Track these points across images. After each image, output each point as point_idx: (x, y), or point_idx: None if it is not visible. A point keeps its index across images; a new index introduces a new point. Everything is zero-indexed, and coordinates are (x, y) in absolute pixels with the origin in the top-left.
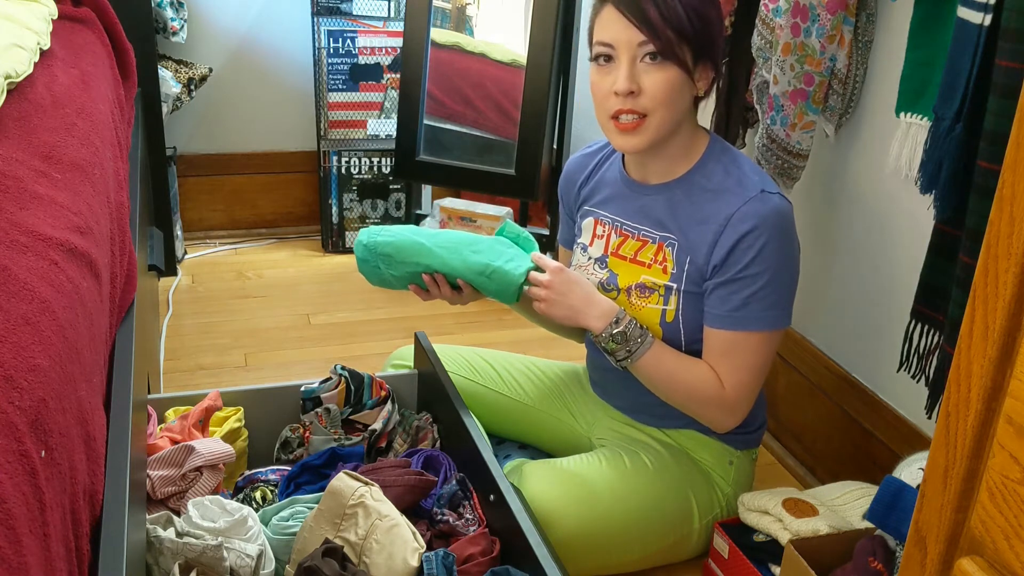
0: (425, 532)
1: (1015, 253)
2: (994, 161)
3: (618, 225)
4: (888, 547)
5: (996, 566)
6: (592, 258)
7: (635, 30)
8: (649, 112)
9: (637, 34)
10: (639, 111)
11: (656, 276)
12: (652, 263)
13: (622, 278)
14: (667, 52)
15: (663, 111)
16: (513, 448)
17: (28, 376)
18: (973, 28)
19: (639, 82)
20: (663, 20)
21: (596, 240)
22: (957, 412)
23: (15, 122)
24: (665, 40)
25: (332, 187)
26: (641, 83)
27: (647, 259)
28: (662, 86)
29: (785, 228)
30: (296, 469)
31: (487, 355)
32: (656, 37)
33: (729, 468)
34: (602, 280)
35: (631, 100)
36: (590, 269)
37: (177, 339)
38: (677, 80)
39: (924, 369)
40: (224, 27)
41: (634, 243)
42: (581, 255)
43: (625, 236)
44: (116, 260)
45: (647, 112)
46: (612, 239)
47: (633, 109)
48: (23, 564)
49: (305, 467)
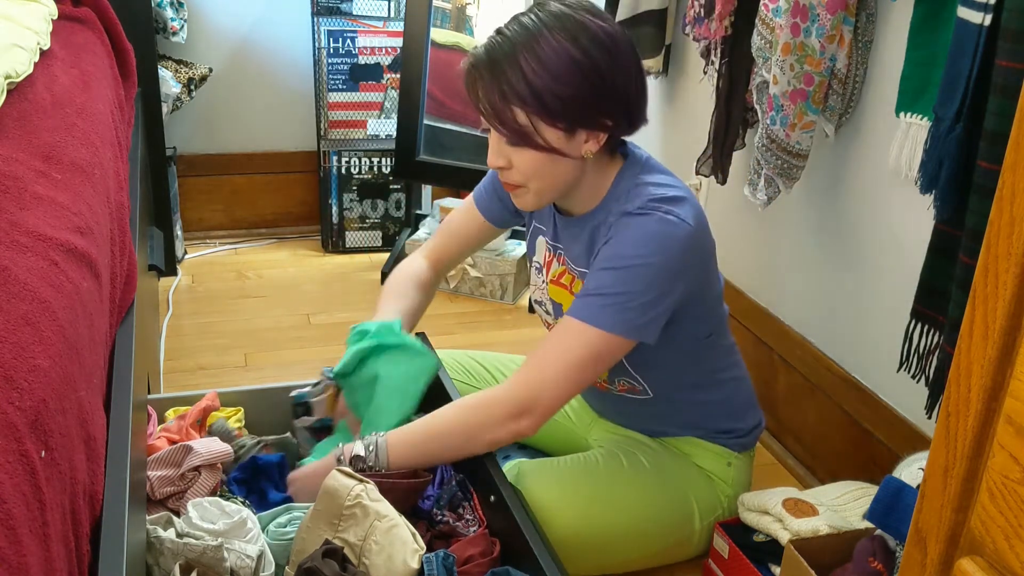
0: (425, 533)
1: (1015, 253)
2: (994, 161)
3: (559, 252)
4: (888, 547)
5: (996, 566)
6: (544, 281)
7: (486, 114)
8: (523, 183)
9: (488, 118)
10: (514, 183)
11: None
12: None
13: (565, 308)
14: (518, 140)
15: (538, 182)
16: (512, 448)
17: (28, 376)
18: (973, 28)
19: (507, 156)
20: (509, 105)
21: (545, 264)
22: (957, 412)
23: (15, 122)
24: (513, 128)
25: (332, 187)
26: (509, 157)
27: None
28: (527, 165)
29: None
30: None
31: (481, 357)
32: (502, 126)
33: (728, 469)
34: (549, 310)
35: (504, 173)
36: (544, 292)
37: (177, 339)
38: (543, 159)
39: (924, 369)
40: (224, 27)
41: (569, 275)
42: (536, 276)
43: (564, 266)
44: (116, 260)
45: (522, 184)
46: (554, 266)
47: (507, 181)
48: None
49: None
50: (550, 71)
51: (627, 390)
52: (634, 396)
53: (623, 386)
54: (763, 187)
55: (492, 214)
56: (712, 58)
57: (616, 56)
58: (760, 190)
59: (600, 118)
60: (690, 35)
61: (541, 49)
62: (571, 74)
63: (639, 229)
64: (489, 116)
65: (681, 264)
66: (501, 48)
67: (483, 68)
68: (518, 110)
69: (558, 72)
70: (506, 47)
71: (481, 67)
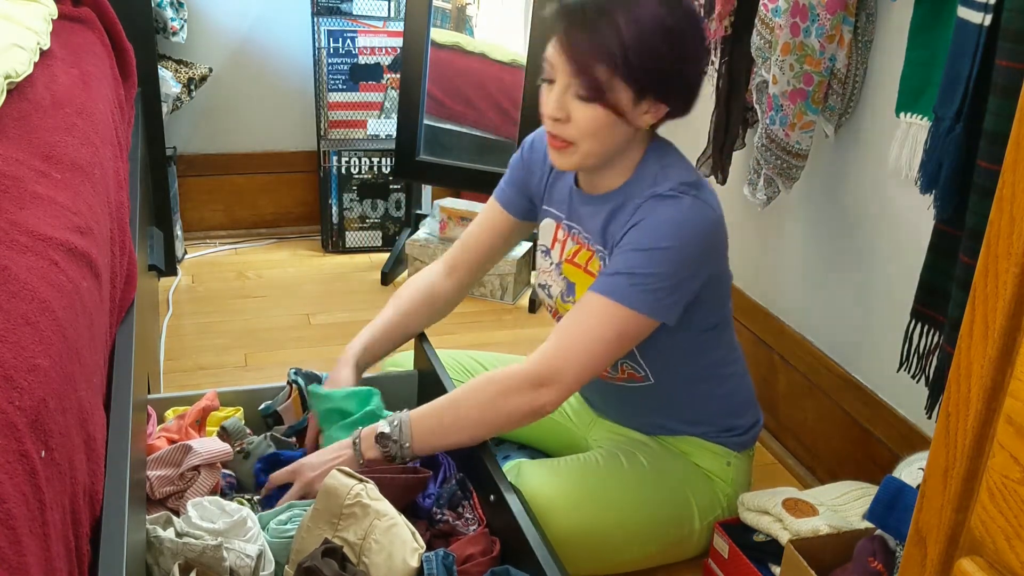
0: (425, 532)
1: (1015, 253)
2: (994, 161)
3: (574, 232)
4: (888, 547)
5: (996, 566)
6: (553, 263)
7: (570, 61)
8: (575, 141)
9: (571, 65)
10: (566, 139)
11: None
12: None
13: (579, 288)
14: (593, 95)
15: (590, 142)
16: (512, 448)
17: (28, 376)
18: (973, 28)
19: (568, 110)
20: (596, 59)
21: (556, 244)
22: (957, 412)
23: (15, 122)
24: (592, 82)
25: (332, 187)
26: (570, 111)
27: (596, 270)
28: (588, 122)
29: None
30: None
31: (480, 357)
32: (582, 77)
33: (728, 469)
34: (562, 291)
35: (559, 126)
36: (552, 275)
37: (177, 339)
38: (605, 119)
39: (924, 369)
40: (224, 27)
41: (585, 252)
42: (543, 259)
43: (580, 244)
44: (116, 260)
45: (574, 141)
46: (568, 245)
47: (560, 135)
48: (23, 564)
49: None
50: (643, 35)
51: (629, 377)
52: (635, 384)
53: (625, 371)
54: (763, 187)
55: (513, 206)
56: (712, 58)
57: (697, 33)
58: (760, 190)
59: (670, 91)
60: None
61: (638, 10)
62: (661, 42)
63: (672, 211)
64: (571, 65)
65: (709, 248)
66: (595, 1)
67: (575, 16)
68: (602, 66)
69: (651, 37)
70: (600, 1)
71: (574, 15)
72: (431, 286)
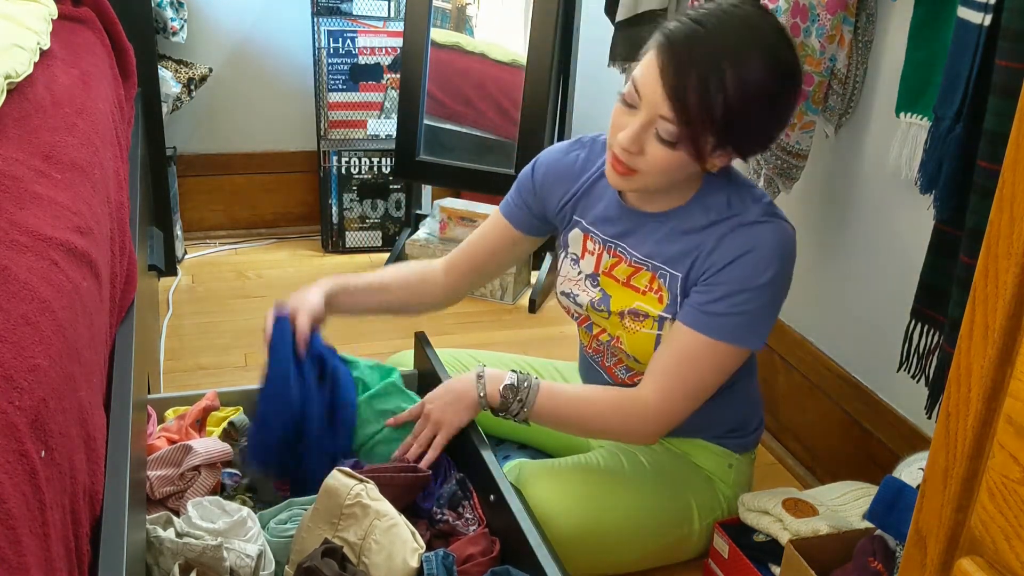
0: (425, 532)
1: (1015, 253)
2: (994, 161)
3: (611, 246)
4: (888, 547)
5: (996, 566)
6: (583, 274)
7: (665, 103)
8: (642, 172)
9: (665, 107)
10: (633, 167)
11: (651, 304)
12: (647, 291)
13: (615, 301)
14: (682, 141)
15: (657, 177)
16: (512, 448)
17: (28, 376)
18: (973, 28)
19: (643, 144)
20: (698, 109)
21: (587, 255)
22: (957, 412)
23: (15, 122)
24: (687, 130)
25: (332, 187)
26: (645, 145)
27: (642, 285)
28: (662, 161)
29: (782, 255)
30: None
31: (482, 356)
32: (681, 123)
33: (728, 471)
34: (593, 299)
35: (628, 156)
36: (581, 284)
37: (177, 339)
38: (681, 161)
39: (924, 369)
40: (224, 27)
41: (626, 267)
42: (571, 267)
43: (619, 258)
44: (116, 260)
45: (640, 171)
46: (604, 258)
47: (628, 164)
48: (23, 564)
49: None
50: (746, 97)
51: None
52: None
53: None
54: (763, 187)
55: (520, 223)
56: None
57: (795, 97)
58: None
59: (753, 144)
60: None
61: (746, 69)
62: (760, 106)
63: (771, 242)
64: (670, 107)
65: (792, 268)
66: (704, 45)
67: (685, 61)
68: (699, 119)
69: (752, 101)
70: (709, 47)
71: (683, 59)
72: (426, 273)
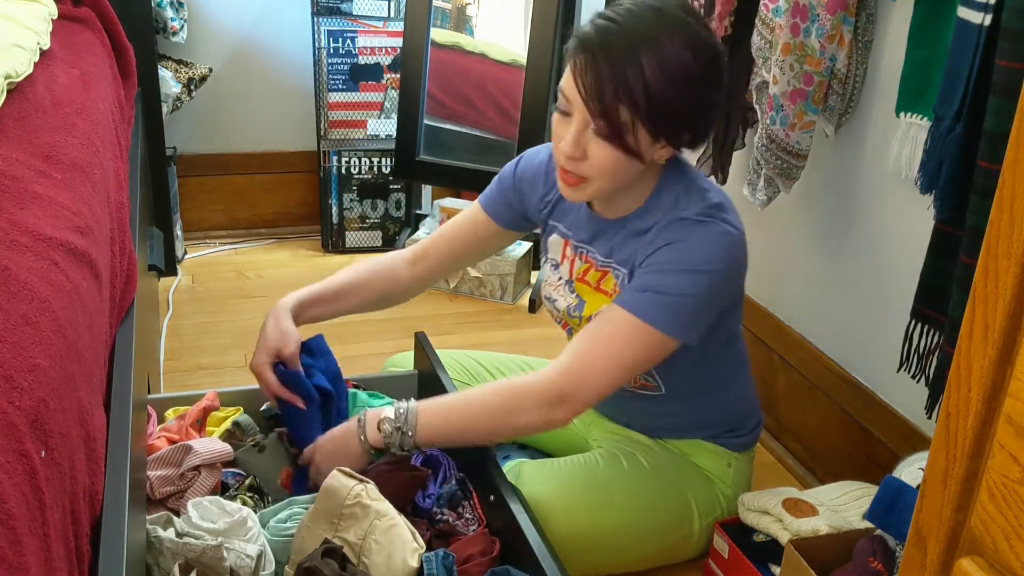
0: (425, 532)
1: (1015, 253)
2: (994, 161)
3: (582, 251)
4: (888, 547)
5: (996, 566)
6: (562, 279)
7: (591, 101)
8: (590, 178)
9: (592, 105)
10: (580, 175)
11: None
12: (613, 293)
13: (588, 306)
14: (612, 136)
15: (605, 179)
16: (512, 448)
17: (28, 376)
18: (973, 28)
19: (585, 147)
20: (619, 101)
21: (565, 260)
22: (957, 412)
23: (15, 122)
24: (613, 124)
25: (332, 187)
26: (587, 149)
27: (609, 289)
28: (605, 160)
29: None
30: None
31: (480, 357)
32: (601, 118)
33: (728, 470)
34: (570, 305)
35: (573, 163)
36: (560, 290)
37: (177, 339)
38: (619, 156)
39: (924, 369)
40: (224, 27)
41: (595, 272)
42: (552, 273)
43: (589, 263)
44: (116, 260)
45: (588, 177)
46: (577, 264)
47: (574, 172)
48: (23, 564)
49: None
50: (669, 79)
51: (642, 386)
52: (646, 392)
53: (639, 382)
54: (763, 187)
55: (501, 217)
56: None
57: (719, 75)
58: (760, 190)
59: (687, 131)
60: None
61: (663, 54)
62: (685, 86)
63: (702, 236)
64: (593, 106)
65: (734, 272)
66: (619, 39)
67: (600, 56)
68: (624, 108)
69: (675, 82)
70: (624, 40)
71: (598, 54)
72: (391, 270)
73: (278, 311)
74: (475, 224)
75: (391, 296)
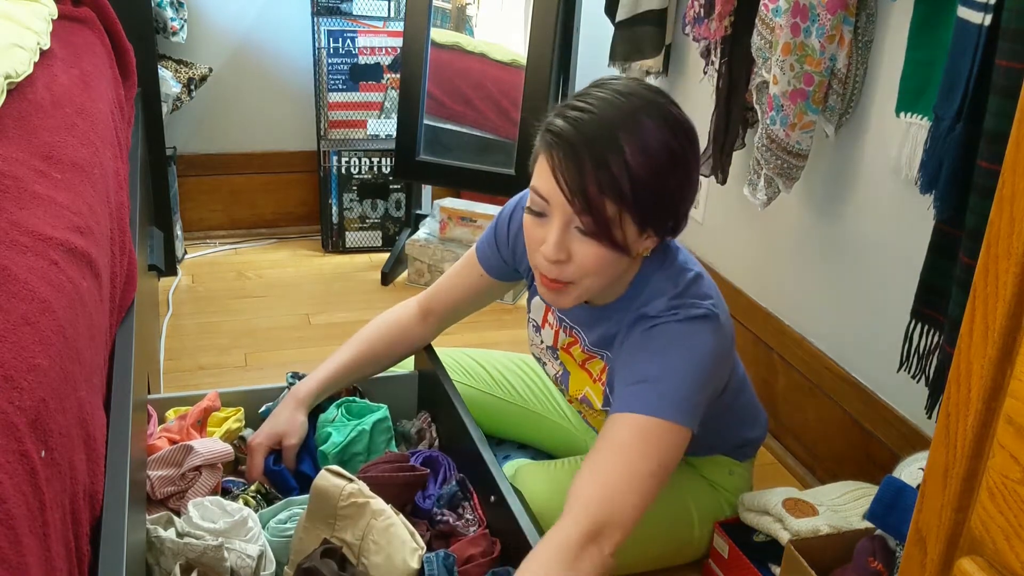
0: (425, 533)
1: (1015, 253)
2: (994, 161)
3: (567, 326)
4: (888, 547)
5: (996, 566)
6: (545, 344)
7: (575, 199)
8: (576, 280)
9: (577, 203)
10: (565, 280)
11: (597, 397)
12: (598, 380)
13: (573, 381)
14: (599, 232)
15: (592, 279)
16: (513, 449)
17: (28, 376)
18: (973, 28)
19: (569, 249)
20: (604, 195)
21: (547, 327)
22: (957, 412)
23: (15, 122)
24: (599, 219)
25: (332, 187)
26: (572, 250)
27: (595, 372)
28: (592, 259)
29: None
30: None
31: (479, 356)
32: (586, 214)
33: (730, 478)
34: (557, 374)
35: (558, 268)
36: (546, 354)
37: (177, 339)
38: (606, 254)
39: (924, 369)
40: (224, 27)
41: (581, 352)
42: (534, 334)
43: (575, 339)
44: (116, 260)
45: (574, 280)
46: (561, 336)
47: (559, 278)
48: (23, 564)
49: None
50: (653, 163)
51: None
52: None
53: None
54: (763, 187)
55: (493, 269)
56: (712, 58)
57: (697, 152)
58: (760, 190)
59: (671, 218)
60: (690, 35)
61: (643, 136)
62: (669, 168)
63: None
64: (577, 203)
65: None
66: (596, 128)
67: (580, 147)
68: (610, 201)
69: (659, 164)
70: (602, 127)
71: (577, 146)
72: (404, 330)
73: (299, 402)
74: (472, 278)
75: (411, 349)
